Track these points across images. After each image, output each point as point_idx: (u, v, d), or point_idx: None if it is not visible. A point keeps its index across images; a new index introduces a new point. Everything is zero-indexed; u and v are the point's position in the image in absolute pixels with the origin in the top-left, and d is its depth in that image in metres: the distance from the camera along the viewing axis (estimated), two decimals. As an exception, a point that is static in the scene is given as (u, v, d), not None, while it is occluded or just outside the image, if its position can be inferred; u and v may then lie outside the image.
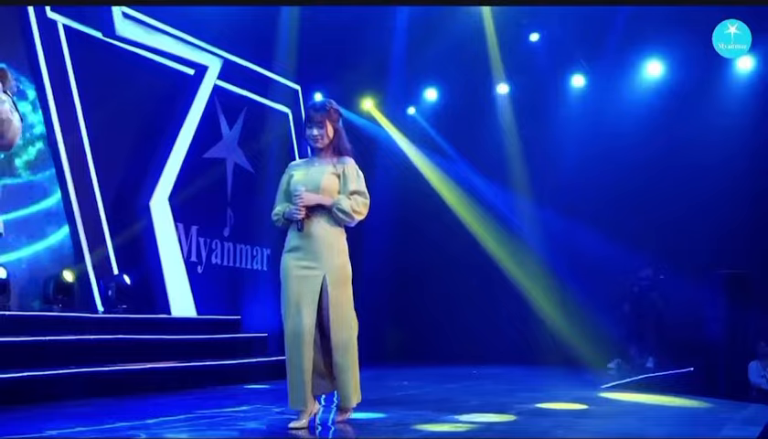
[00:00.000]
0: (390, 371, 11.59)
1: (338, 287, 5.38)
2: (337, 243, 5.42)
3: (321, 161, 5.49)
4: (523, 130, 14.46)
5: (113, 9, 10.11)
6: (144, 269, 10.76)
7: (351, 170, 5.47)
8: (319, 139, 5.43)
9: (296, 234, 5.38)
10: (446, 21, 13.43)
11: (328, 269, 5.33)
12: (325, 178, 5.39)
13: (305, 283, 5.30)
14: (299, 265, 5.34)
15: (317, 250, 5.34)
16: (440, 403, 7.30)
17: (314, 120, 5.45)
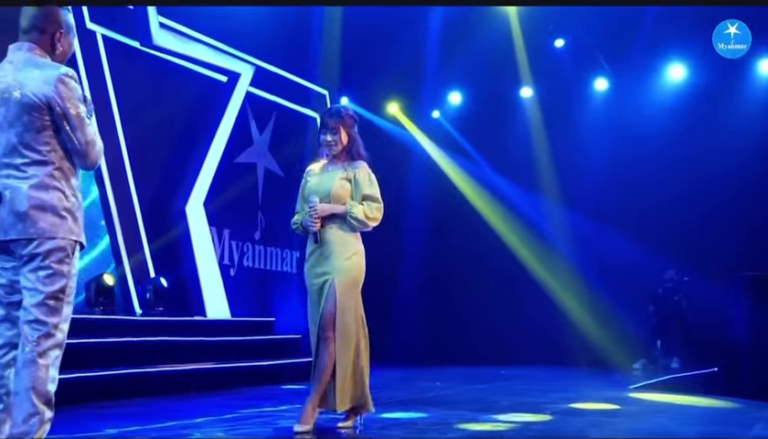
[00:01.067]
0: (420, 372, 11.79)
1: (345, 289, 5.33)
2: (349, 247, 5.40)
3: (334, 166, 5.49)
4: (548, 133, 14.58)
5: (151, 19, 10.34)
6: (180, 272, 10.99)
7: (363, 174, 5.45)
8: (333, 145, 5.44)
9: (311, 243, 5.42)
10: (471, 26, 13.61)
11: (337, 271, 5.31)
12: (336, 184, 5.38)
13: (317, 287, 5.35)
14: (315, 273, 5.37)
15: (329, 255, 5.33)
16: (474, 403, 7.48)
17: (329, 126, 5.46)
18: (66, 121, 3.57)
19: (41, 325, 3.49)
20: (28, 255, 3.53)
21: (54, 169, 3.59)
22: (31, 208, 3.52)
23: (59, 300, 3.55)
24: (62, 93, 3.56)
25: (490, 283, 14.43)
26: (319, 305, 5.30)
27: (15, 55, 3.67)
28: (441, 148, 15.42)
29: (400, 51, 14.00)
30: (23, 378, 3.43)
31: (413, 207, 15.06)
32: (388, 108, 15.57)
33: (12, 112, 3.55)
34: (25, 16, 3.71)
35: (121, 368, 7.84)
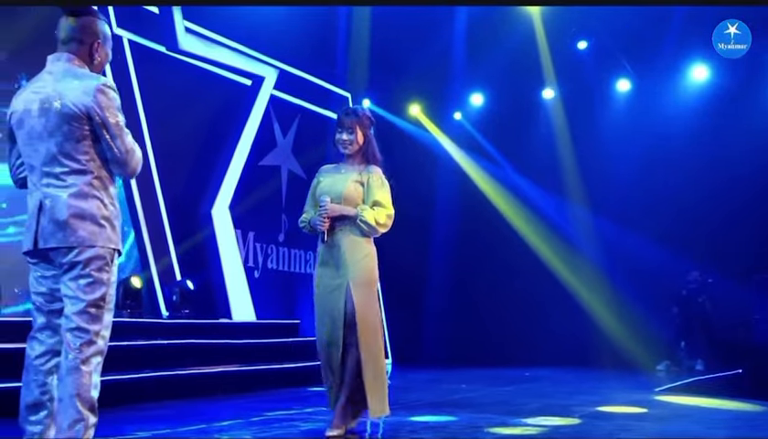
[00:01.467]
0: (444, 373, 11.83)
1: (361, 291, 5.24)
2: (361, 250, 5.30)
3: (347, 168, 5.40)
4: (570, 134, 14.58)
5: (176, 24, 10.43)
6: (206, 274, 11.08)
7: (376, 179, 5.35)
8: (348, 144, 5.35)
9: (323, 246, 5.33)
10: (493, 28, 13.64)
11: (351, 275, 5.22)
12: (348, 186, 5.29)
13: (332, 295, 5.25)
14: (326, 277, 5.29)
15: (341, 259, 5.25)
16: (502, 406, 7.50)
17: (345, 124, 5.37)
18: (105, 130, 3.62)
19: (83, 332, 3.54)
20: (69, 263, 3.58)
21: (93, 178, 3.64)
22: (71, 216, 3.57)
23: (100, 308, 3.60)
24: (102, 103, 3.61)
25: (514, 284, 14.41)
26: (333, 310, 5.23)
27: (54, 65, 3.72)
28: (463, 150, 15.43)
29: (422, 54, 14.06)
30: (67, 385, 3.48)
31: (439, 209, 15.11)
32: (410, 110, 15.60)
33: (52, 122, 3.60)
34: (63, 27, 3.76)
35: (149, 370, 7.90)
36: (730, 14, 10.59)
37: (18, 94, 3.77)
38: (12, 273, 8.33)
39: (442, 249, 15.09)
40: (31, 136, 3.65)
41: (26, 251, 3.69)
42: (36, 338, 3.70)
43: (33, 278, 3.74)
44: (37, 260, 3.69)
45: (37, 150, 3.64)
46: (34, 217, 3.63)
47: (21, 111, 3.69)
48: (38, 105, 3.64)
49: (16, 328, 7.32)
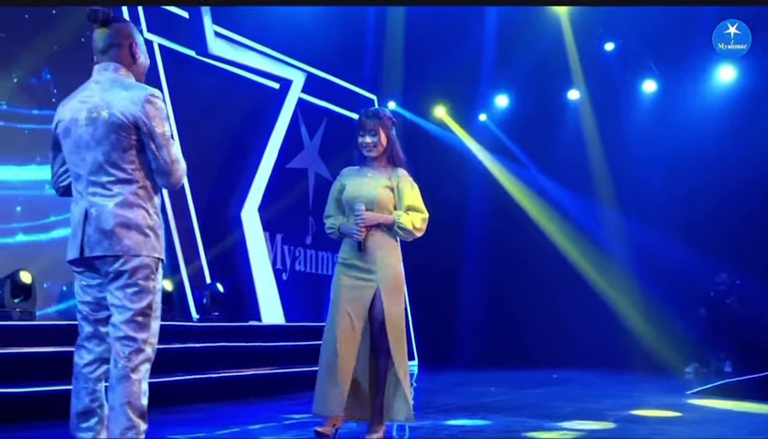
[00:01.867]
0: (472, 376, 11.84)
1: (392, 297, 5.18)
2: (391, 256, 5.25)
3: (374, 172, 5.31)
4: (596, 135, 14.56)
5: (206, 28, 10.49)
6: (236, 277, 11.15)
7: (406, 183, 5.28)
8: (372, 147, 5.27)
9: (351, 248, 5.25)
10: (519, 29, 13.65)
11: (381, 280, 5.16)
12: (380, 192, 5.21)
13: (357, 292, 5.15)
14: (352, 276, 5.20)
15: (371, 263, 5.18)
16: (535, 409, 7.50)
17: (367, 127, 5.29)
18: (152, 140, 3.65)
19: (131, 341, 3.58)
20: (114, 272, 3.61)
21: (138, 188, 3.67)
22: (117, 225, 3.60)
23: (147, 316, 3.64)
24: (149, 113, 3.64)
25: (540, 285, 14.39)
26: (358, 308, 5.12)
27: (101, 75, 3.76)
28: (489, 152, 15.43)
29: (447, 55, 14.11)
30: (118, 393, 3.52)
31: (466, 210, 15.11)
32: (435, 112, 15.62)
33: (100, 131, 3.63)
34: (98, 37, 3.80)
35: (182, 373, 7.95)
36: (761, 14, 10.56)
37: (64, 103, 3.81)
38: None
39: (469, 250, 15.10)
40: (78, 145, 3.69)
41: (71, 259, 3.73)
42: (83, 347, 3.75)
43: (78, 287, 3.79)
44: (82, 268, 3.73)
45: (84, 159, 3.67)
46: (80, 225, 3.66)
47: (68, 119, 3.72)
48: (86, 114, 3.67)
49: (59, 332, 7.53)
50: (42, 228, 8.92)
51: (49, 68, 9.01)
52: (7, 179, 8.68)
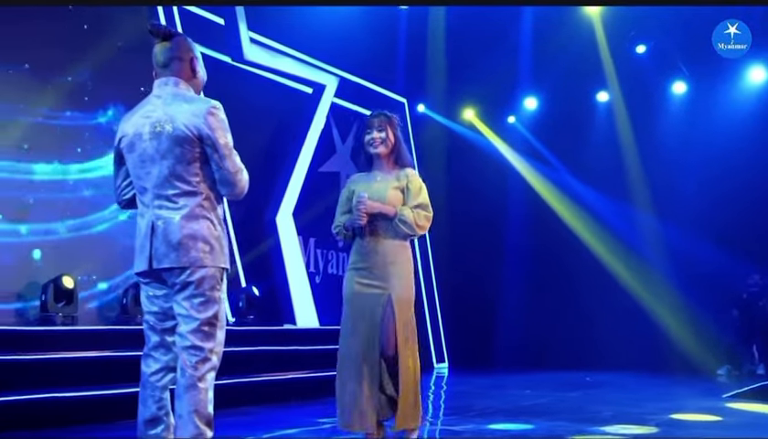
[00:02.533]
0: (506, 378, 11.90)
1: (404, 306, 5.05)
2: (402, 259, 5.11)
3: (383, 173, 5.21)
4: (626, 138, 14.55)
5: (242, 35, 10.60)
6: (271, 281, 11.24)
7: (415, 183, 5.16)
8: (380, 143, 5.15)
9: (360, 251, 5.15)
10: (549, 31, 13.68)
11: (393, 288, 5.02)
12: (390, 194, 5.11)
13: (368, 301, 5.03)
14: (363, 283, 5.07)
15: (382, 267, 5.04)
16: (575, 413, 7.52)
17: (374, 124, 5.19)
18: (216, 151, 3.73)
19: (198, 350, 3.66)
20: (181, 283, 3.68)
21: (203, 199, 3.75)
22: (184, 237, 3.68)
23: (213, 325, 3.71)
24: (212, 125, 3.72)
25: (571, 287, 14.39)
26: (371, 318, 5.00)
27: (162, 90, 3.84)
28: (519, 154, 15.45)
29: (476, 58, 14.14)
30: (185, 401, 3.59)
31: (500, 213, 15.14)
32: (464, 114, 15.67)
33: (164, 145, 3.70)
34: (159, 52, 3.88)
35: (222, 378, 8.01)
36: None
37: (127, 118, 3.88)
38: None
39: (501, 252, 15.13)
40: (143, 159, 3.76)
41: (139, 271, 3.81)
42: (150, 356, 3.83)
43: (144, 297, 3.87)
44: (149, 280, 3.81)
45: (149, 173, 3.75)
46: (147, 238, 3.74)
47: (132, 134, 3.80)
48: (150, 128, 3.74)
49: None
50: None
51: (90, 71, 9.17)
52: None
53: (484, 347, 14.60)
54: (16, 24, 8.34)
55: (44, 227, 8.68)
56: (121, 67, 9.10)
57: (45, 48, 8.60)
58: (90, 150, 9.14)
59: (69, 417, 6.36)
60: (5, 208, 8.34)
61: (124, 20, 9.41)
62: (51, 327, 7.81)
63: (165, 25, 3.94)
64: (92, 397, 6.67)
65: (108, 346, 7.63)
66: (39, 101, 8.67)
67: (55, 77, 8.84)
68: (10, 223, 8.38)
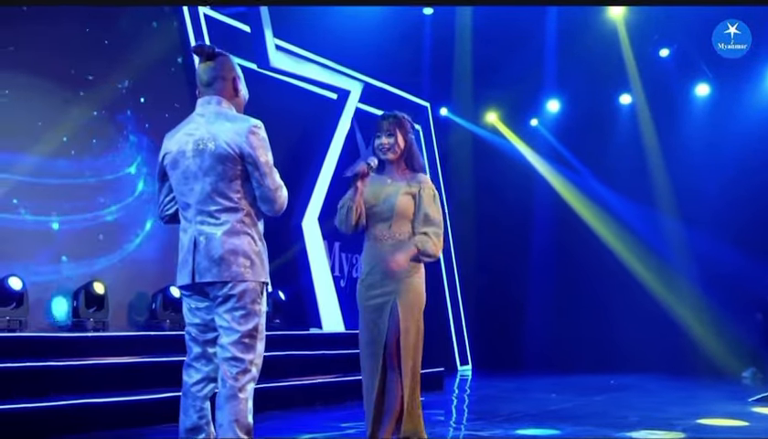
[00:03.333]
0: (530, 382, 11.94)
1: (408, 313, 4.82)
2: (411, 275, 4.87)
3: (393, 178, 4.99)
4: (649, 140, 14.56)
5: (267, 42, 10.71)
6: (297, 285, 11.34)
7: (427, 192, 4.92)
8: (388, 148, 4.96)
9: (369, 262, 4.94)
10: (572, 34, 13.71)
11: (399, 293, 4.82)
12: (400, 200, 4.87)
13: (378, 310, 4.85)
14: (372, 295, 4.88)
15: (390, 276, 4.82)
16: (601, 418, 7.59)
17: (383, 128, 5.01)
18: (256, 169, 3.83)
19: (239, 362, 3.76)
20: (223, 296, 3.79)
21: (244, 215, 3.86)
22: (225, 252, 3.78)
23: (253, 337, 3.82)
24: (253, 143, 3.83)
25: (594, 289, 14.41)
26: (378, 327, 4.82)
27: (204, 108, 3.95)
28: (542, 157, 15.49)
29: (498, 62, 14.19)
30: (226, 411, 3.70)
31: (526, 216, 15.18)
32: (486, 118, 15.72)
33: (207, 162, 3.81)
34: (203, 71, 3.99)
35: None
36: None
37: (170, 136, 3.99)
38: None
39: (525, 255, 15.18)
40: (186, 176, 3.86)
41: (182, 285, 3.91)
42: (192, 366, 3.93)
43: (186, 310, 3.97)
44: (191, 292, 3.92)
45: (192, 189, 3.85)
46: (190, 253, 3.84)
47: (175, 152, 3.90)
48: (193, 146, 3.85)
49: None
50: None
51: (129, 79, 9.39)
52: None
53: (508, 350, 14.64)
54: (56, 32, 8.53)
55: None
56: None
57: (78, 57, 8.80)
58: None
59: (101, 422, 6.46)
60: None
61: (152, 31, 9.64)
62: (83, 334, 7.94)
63: (210, 45, 4.04)
64: (124, 402, 6.76)
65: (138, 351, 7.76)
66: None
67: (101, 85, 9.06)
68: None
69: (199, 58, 4.03)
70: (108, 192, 9.36)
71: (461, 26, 13.96)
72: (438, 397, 9.57)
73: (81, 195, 9.06)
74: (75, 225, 8.96)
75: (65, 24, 8.82)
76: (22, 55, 8.42)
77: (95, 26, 9.19)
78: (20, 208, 8.49)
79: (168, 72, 10.09)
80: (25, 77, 8.46)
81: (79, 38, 9.00)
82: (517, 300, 15.13)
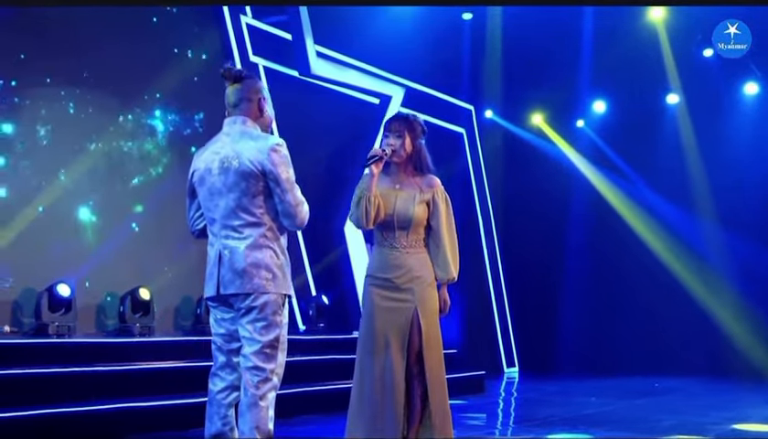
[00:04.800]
0: (574, 384, 11.93)
1: (430, 319, 4.78)
2: (426, 271, 4.83)
3: (402, 183, 4.88)
4: (695, 141, 14.46)
5: (308, 49, 10.86)
6: (340, 289, 11.50)
7: (441, 197, 4.86)
8: (394, 149, 4.81)
9: (383, 262, 4.87)
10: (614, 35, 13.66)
11: (419, 300, 4.76)
12: (416, 210, 4.79)
13: (394, 315, 4.77)
14: (387, 296, 4.80)
15: (408, 281, 4.78)
16: (636, 423, 7.61)
17: (392, 129, 4.87)
18: (278, 185, 3.99)
19: (260, 371, 3.92)
20: (246, 308, 3.97)
21: (267, 230, 4.03)
22: (248, 265, 3.96)
23: (275, 348, 3.98)
24: (274, 160, 3.99)
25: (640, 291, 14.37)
26: (395, 333, 4.74)
27: (230, 128, 4.14)
28: (587, 159, 15.45)
29: (543, 63, 14.19)
30: (247, 419, 3.87)
31: (567, 218, 15.16)
32: (532, 119, 15.73)
33: (231, 179, 3.99)
34: (231, 92, 4.19)
35: (293, 386, 8.26)
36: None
37: (199, 154, 4.19)
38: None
39: (569, 256, 15.15)
40: (212, 192, 4.05)
41: (208, 296, 4.10)
42: (217, 375, 4.12)
43: (213, 320, 4.18)
44: (217, 304, 4.11)
45: (217, 205, 4.04)
46: (215, 266, 4.04)
47: (202, 169, 4.10)
48: (218, 164, 4.04)
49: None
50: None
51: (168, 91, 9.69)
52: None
53: (553, 352, 14.65)
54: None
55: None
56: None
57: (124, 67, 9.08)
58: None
59: (147, 426, 6.66)
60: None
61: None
62: (130, 339, 8.17)
63: (237, 68, 4.24)
64: (171, 406, 6.94)
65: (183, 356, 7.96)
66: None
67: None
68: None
69: (227, 81, 4.20)
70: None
71: (501, 29, 13.98)
72: (477, 400, 9.65)
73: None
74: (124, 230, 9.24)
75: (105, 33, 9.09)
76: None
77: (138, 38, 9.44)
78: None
79: (210, 83, 10.30)
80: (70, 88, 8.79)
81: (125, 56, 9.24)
82: (561, 301, 15.10)
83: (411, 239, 4.83)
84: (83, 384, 6.78)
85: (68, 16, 8.57)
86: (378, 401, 4.74)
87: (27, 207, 8.31)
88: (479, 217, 14.83)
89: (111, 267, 8.94)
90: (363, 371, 4.87)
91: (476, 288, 14.56)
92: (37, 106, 8.57)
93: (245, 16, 10.66)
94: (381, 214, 4.83)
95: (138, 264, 9.24)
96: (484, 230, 14.87)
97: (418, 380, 4.77)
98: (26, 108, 8.49)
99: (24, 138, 8.48)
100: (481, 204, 14.94)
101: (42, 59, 8.48)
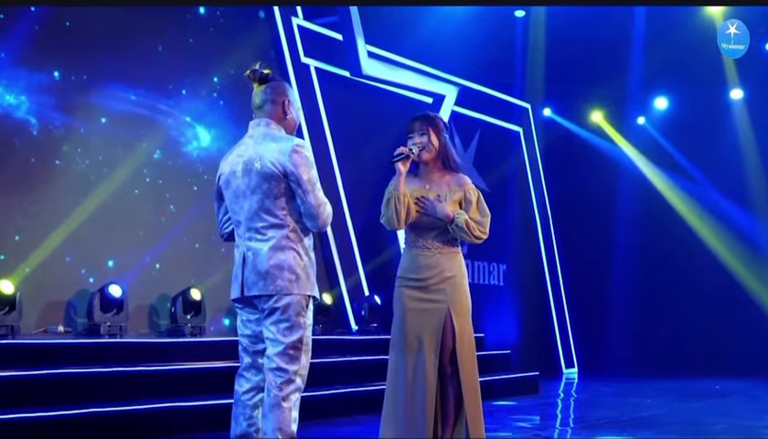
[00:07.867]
0: (632, 386, 11.74)
1: (463, 319, 4.77)
2: (458, 271, 4.84)
3: (432, 182, 4.91)
4: (759, 138, 14.15)
5: (359, 50, 10.87)
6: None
7: (472, 193, 4.86)
8: (422, 147, 4.86)
9: (414, 263, 4.89)
10: (673, 29, 13.41)
11: (451, 301, 4.75)
12: (450, 209, 4.77)
13: (427, 316, 4.76)
14: (419, 297, 4.81)
15: (440, 281, 4.78)
16: (688, 426, 7.44)
17: (415, 128, 4.95)
18: (299, 186, 3.98)
19: (283, 372, 3.92)
20: (269, 309, 3.97)
21: (290, 231, 4.02)
22: (271, 267, 3.96)
23: (298, 349, 3.97)
24: (296, 162, 3.98)
25: (700, 292, 14.13)
26: (428, 335, 4.72)
27: (254, 130, 4.15)
28: (647, 156, 15.22)
29: (600, 58, 14.00)
30: (270, 420, 3.87)
31: (624, 217, 14.97)
32: (591, 117, 15.53)
33: (254, 181, 4.00)
34: (256, 94, 4.20)
35: (348, 386, 8.28)
36: None
37: (225, 158, 4.22)
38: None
39: (628, 257, 14.93)
40: (237, 195, 4.08)
41: (234, 298, 4.11)
42: (243, 376, 4.12)
43: (239, 322, 4.18)
44: (242, 305, 4.11)
45: (241, 207, 4.06)
46: (240, 268, 4.05)
47: (228, 172, 4.12)
48: (242, 167, 4.06)
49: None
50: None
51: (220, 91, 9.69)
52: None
53: (613, 352, 14.48)
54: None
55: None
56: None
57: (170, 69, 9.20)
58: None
59: (196, 425, 6.76)
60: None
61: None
62: (179, 339, 8.26)
63: (263, 70, 4.20)
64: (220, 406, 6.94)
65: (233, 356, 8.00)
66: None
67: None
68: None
69: (253, 83, 4.21)
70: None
71: (551, 27, 13.81)
72: (530, 401, 9.55)
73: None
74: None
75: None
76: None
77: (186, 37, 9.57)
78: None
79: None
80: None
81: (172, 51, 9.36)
82: (621, 301, 14.91)
83: (444, 239, 4.82)
84: (132, 383, 6.88)
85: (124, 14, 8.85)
86: (409, 402, 4.69)
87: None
88: (536, 216, 14.70)
89: (163, 268, 9.07)
90: (396, 373, 4.80)
91: (534, 288, 14.45)
92: (95, 102, 8.73)
93: (296, 17, 10.72)
94: (412, 214, 4.84)
95: (191, 265, 9.36)
96: (541, 229, 14.75)
97: (451, 380, 4.75)
98: (86, 104, 8.66)
99: (80, 134, 8.64)
100: (538, 203, 14.81)
101: (102, 54, 8.67)
